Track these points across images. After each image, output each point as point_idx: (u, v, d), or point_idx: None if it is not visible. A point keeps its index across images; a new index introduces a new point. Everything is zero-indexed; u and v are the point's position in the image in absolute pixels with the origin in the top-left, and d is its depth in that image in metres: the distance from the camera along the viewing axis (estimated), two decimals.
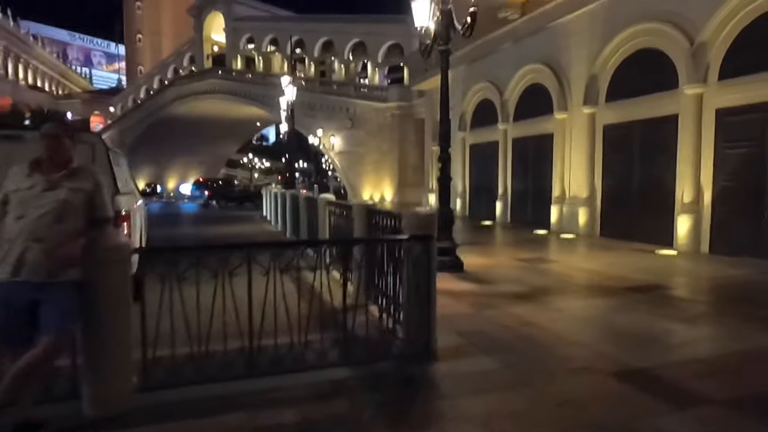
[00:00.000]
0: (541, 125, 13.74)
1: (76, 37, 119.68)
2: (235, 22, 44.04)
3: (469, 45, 17.05)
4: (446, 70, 7.77)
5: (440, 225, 8.01)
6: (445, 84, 7.86)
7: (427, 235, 3.88)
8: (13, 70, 66.40)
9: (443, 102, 7.89)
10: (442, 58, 7.68)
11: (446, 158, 7.88)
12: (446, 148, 7.86)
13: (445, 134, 7.84)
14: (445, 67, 7.74)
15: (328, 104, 33.58)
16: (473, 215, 17.50)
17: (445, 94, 7.90)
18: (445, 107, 7.90)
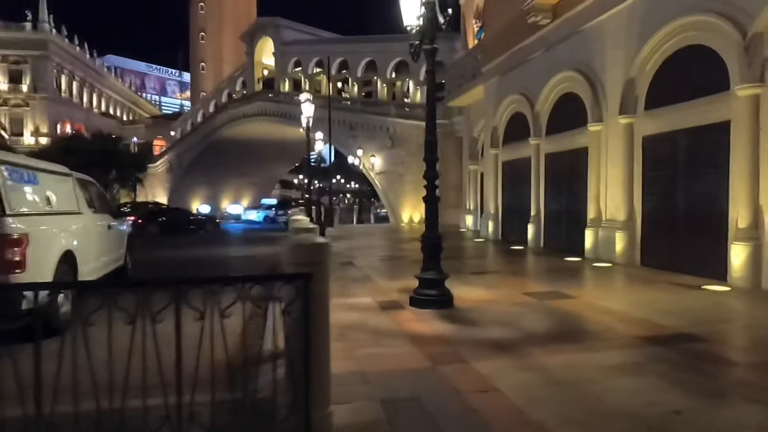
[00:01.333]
0: (575, 139, 12.26)
1: (153, 68, 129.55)
2: (283, 46, 44.98)
3: (500, 56, 15.90)
4: (432, 72, 6.72)
5: (427, 253, 6.93)
6: (432, 85, 6.79)
7: (298, 275, 2.81)
8: (87, 98, 71.50)
9: (429, 111, 6.82)
10: (428, 58, 6.63)
11: (432, 176, 6.80)
12: (432, 162, 6.76)
13: (430, 145, 6.76)
14: (431, 68, 6.69)
15: (369, 124, 33.14)
16: (506, 238, 16.05)
17: (431, 100, 6.83)
18: (431, 115, 6.82)
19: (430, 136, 6.74)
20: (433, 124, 6.82)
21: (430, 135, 6.75)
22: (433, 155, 6.71)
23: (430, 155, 6.73)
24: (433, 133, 6.74)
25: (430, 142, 6.73)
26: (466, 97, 21.13)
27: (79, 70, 67.80)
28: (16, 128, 58.97)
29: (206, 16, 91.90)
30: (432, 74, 6.70)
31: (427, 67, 6.69)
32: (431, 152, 6.72)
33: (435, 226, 6.80)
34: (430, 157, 6.73)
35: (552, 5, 12.85)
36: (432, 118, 6.82)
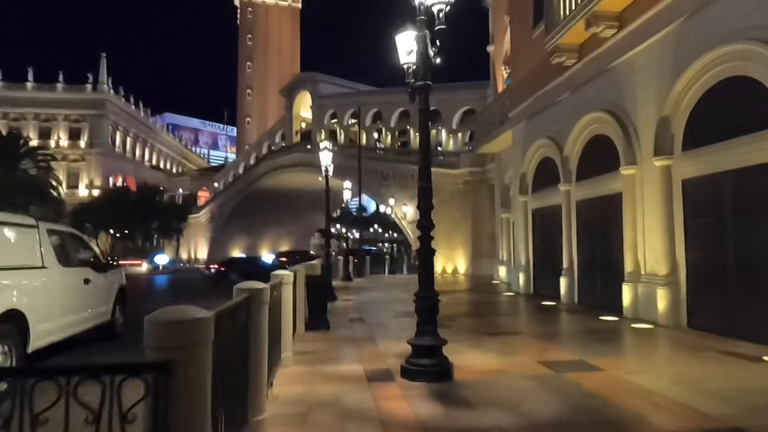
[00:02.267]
0: (608, 184, 11.18)
1: (206, 125, 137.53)
2: (319, 99, 46.13)
3: (527, 100, 15.23)
4: (425, 111, 6.02)
5: (421, 316, 6.02)
6: (425, 127, 6.09)
7: (147, 366, 2.02)
8: (140, 152, 75.52)
9: (423, 154, 6.10)
10: (420, 97, 5.97)
11: (426, 224, 5.96)
12: (427, 210, 5.96)
13: (424, 191, 5.98)
14: (423, 107, 6.00)
15: (401, 173, 32.80)
16: (538, 292, 14.75)
17: (425, 143, 6.12)
18: (425, 157, 6.08)
19: (424, 181, 5.98)
20: (428, 167, 6.08)
21: (424, 180, 5.99)
22: (427, 202, 5.93)
23: (424, 202, 5.94)
24: (427, 178, 5.98)
25: (425, 188, 5.96)
26: (496, 143, 20.40)
27: (132, 126, 72.05)
28: (72, 182, 62.50)
29: (253, 74, 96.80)
30: (424, 113, 6.02)
31: (419, 105, 6.02)
32: (425, 198, 5.94)
33: (430, 282, 5.90)
34: (424, 204, 5.94)
35: (577, 45, 12.15)
36: (426, 161, 6.09)
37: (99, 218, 42.24)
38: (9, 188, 32.64)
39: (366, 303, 13.97)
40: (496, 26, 23.30)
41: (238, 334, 3.58)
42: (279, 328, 5.84)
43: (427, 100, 5.99)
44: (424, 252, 5.92)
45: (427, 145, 6.09)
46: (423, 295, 5.84)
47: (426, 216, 5.91)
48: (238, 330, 3.57)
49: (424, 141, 6.09)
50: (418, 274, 6.09)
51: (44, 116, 62.96)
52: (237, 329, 3.50)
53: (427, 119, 6.04)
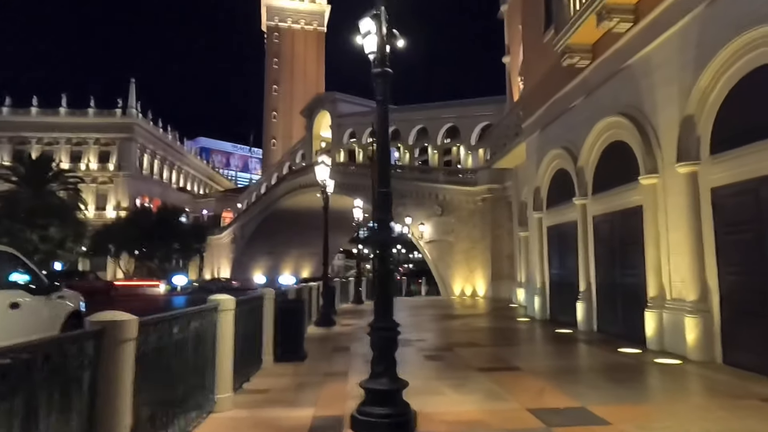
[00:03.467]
0: (627, 196, 9.90)
1: (237, 148, 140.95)
2: (338, 118, 45.83)
3: (540, 109, 14.11)
4: (383, 103, 5.01)
5: (377, 352, 4.93)
6: (383, 122, 5.07)
7: None
8: (167, 175, 76.86)
9: (381, 155, 5.08)
10: (377, 84, 4.98)
11: (384, 240, 4.90)
12: (383, 222, 4.89)
13: (382, 199, 4.91)
14: (382, 98, 4.99)
15: (418, 191, 31.78)
16: (554, 319, 13.37)
17: (383, 140, 5.10)
18: (383, 158, 5.06)
19: (383, 187, 4.92)
20: (386, 171, 5.03)
21: (382, 185, 4.93)
22: (383, 213, 4.86)
23: (381, 212, 4.88)
24: (385, 184, 4.93)
25: (383, 195, 4.90)
26: (511, 157, 19.22)
27: (160, 149, 73.43)
28: (101, 203, 63.74)
29: (279, 97, 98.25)
30: (382, 106, 5.00)
31: (377, 95, 5.02)
32: (383, 208, 4.88)
33: (388, 311, 4.81)
34: (379, 216, 4.88)
35: (589, 44, 11.03)
36: (384, 162, 5.05)
37: (121, 239, 42.48)
38: (31, 210, 33.03)
39: (363, 329, 12.85)
40: (512, 36, 22.33)
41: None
42: (205, 368, 4.84)
43: (386, 89, 4.99)
44: (381, 272, 4.84)
45: (385, 142, 5.07)
46: (379, 326, 4.75)
47: (383, 229, 4.85)
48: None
49: (382, 138, 5.07)
50: (374, 300, 5.00)
51: (76, 140, 64.71)
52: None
53: (385, 112, 5.02)
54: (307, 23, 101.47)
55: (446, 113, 35.33)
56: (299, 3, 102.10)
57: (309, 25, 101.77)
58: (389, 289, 4.90)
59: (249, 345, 7.02)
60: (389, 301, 4.85)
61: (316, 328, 13.17)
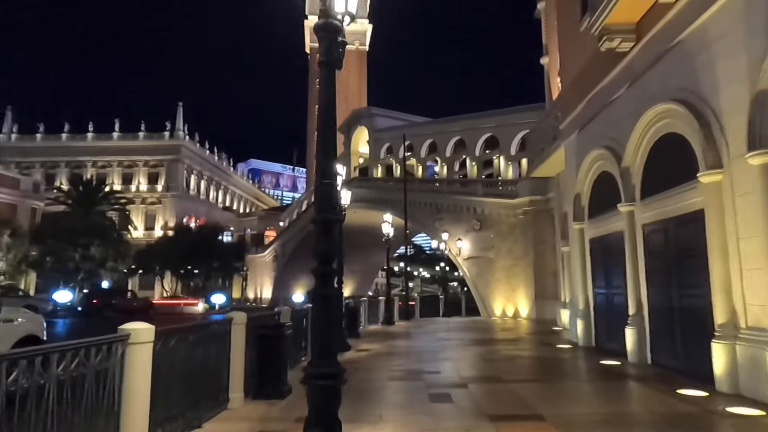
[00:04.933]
0: (683, 199, 8.13)
1: (287, 168, 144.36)
2: (376, 133, 45.02)
3: (578, 106, 12.47)
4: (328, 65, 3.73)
5: (313, 413, 3.50)
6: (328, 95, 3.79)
7: None
8: (213, 194, 78.67)
9: (322, 132, 3.79)
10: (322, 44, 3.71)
11: (325, 251, 3.57)
12: (326, 226, 3.57)
13: (322, 200, 3.59)
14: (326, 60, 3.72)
15: (455, 205, 30.16)
16: (600, 346, 11.49)
17: (326, 111, 3.81)
18: (326, 140, 3.77)
19: (324, 178, 3.61)
20: (328, 159, 3.72)
21: (323, 176, 3.62)
22: (326, 212, 3.54)
23: (323, 212, 3.56)
24: (328, 174, 3.61)
25: (324, 189, 3.58)
26: (550, 164, 17.44)
27: (206, 170, 75.32)
28: (149, 223, 65.68)
29: None
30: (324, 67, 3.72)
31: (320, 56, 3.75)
32: (324, 209, 3.56)
33: (328, 351, 3.45)
34: (320, 216, 3.56)
35: (632, 22, 9.39)
36: (326, 145, 3.76)
37: (162, 258, 43.03)
38: (75, 230, 33.82)
39: (384, 355, 11.47)
40: (549, 35, 20.68)
41: None
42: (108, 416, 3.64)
43: (331, 48, 3.71)
44: (320, 294, 3.50)
45: (326, 122, 3.76)
46: (315, 372, 3.39)
47: (325, 235, 3.52)
48: None
49: (324, 111, 3.78)
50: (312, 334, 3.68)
51: (127, 163, 67.29)
52: None
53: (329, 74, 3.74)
54: (349, 42, 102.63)
55: (484, 123, 33.70)
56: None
57: (351, 44, 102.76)
58: (331, 320, 3.54)
59: (208, 381, 5.83)
60: (331, 336, 3.49)
61: None
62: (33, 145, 67.15)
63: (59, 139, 67.54)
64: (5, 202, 37.55)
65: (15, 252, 33.55)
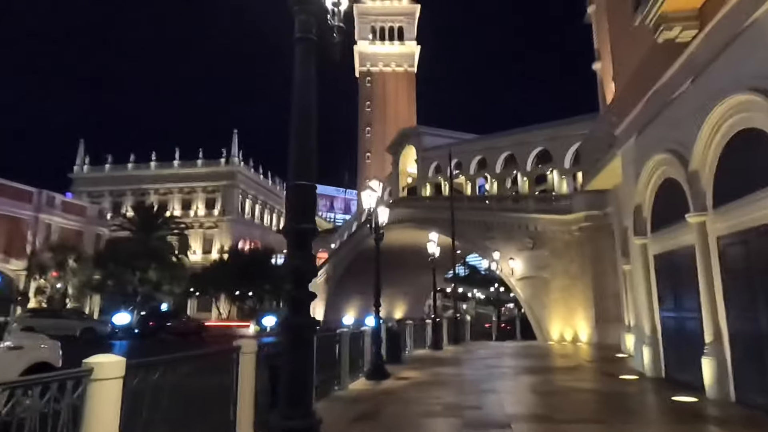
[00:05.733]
0: (766, 206, 6.86)
1: (340, 191, 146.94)
2: (423, 152, 44.44)
3: (634, 109, 11.32)
4: (303, 42, 3.08)
5: None
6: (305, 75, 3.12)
7: None
8: (268, 217, 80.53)
9: (299, 110, 3.10)
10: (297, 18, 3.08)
11: (298, 266, 2.87)
12: (301, 237, 2.87)
13: (297, 209, 2.90)
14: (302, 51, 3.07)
15: (506, 223, 28.82)
16: (671, 377, 10.05)
17: (301, 94, 3.14)
18: (303, 120, 3.08)
19: (299, 177, 2.92)
20: (303, 156, 3.04)
21: (297, 175, 2.93)
22: (300, 222, 2.84)
23: (296, 221, 2.87)
24: (303, 173, 2.92)
25: (298, 198, 2.89)
26: (606, 175, 16.06)
27: (260, 194, 77.38)
28: (207, 247, 67.79)
29: (372, 138, 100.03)
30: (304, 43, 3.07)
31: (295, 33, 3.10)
32: (299, 216, 2.86)
33: (301, 395, 2.71)
34: (292, 227, 2.86)
35: (695, 7, 8.28)
36: (299, 143, 3.07)
37: (216, 281, 43.92)
38: (134, 254, 35.11)
39: (425, 385, 10.55)
40: (601, 39, 19.41)
41: None
42: None
43: (308, 23, 3.06)
44: (291, 325, 2.78)
45: (303, 101, 3.09)
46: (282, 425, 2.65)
47: (299, 252, 2.81)
48: None
49: (299, 95, 3.11)
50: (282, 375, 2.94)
51: (186, 189, 70.16)
52: None
53: (305, 53, 3.08)
54: (397, 65, 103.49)
55: (535, 137, 32.31)
56: (390, 47, 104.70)
57: (399, 66, 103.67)
58: (305, 357, 2.81)
59: (209, 418, 5.21)
60: (304, 378, 2.75)
61: (365, 382, 11.13)
62: (102, 175, 71.50)
63: (125, 169, 71.50)
64: (73, 229, 39.76)
65: (80, 276, 35.18)
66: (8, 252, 34.47)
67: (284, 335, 2.81)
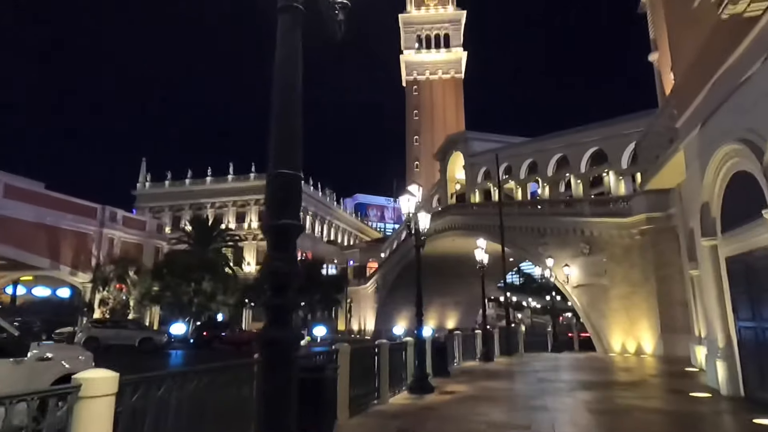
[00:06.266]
0: None
1: (390, 201, 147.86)
2: (471, 158, 43.46)
3: (697, 97, 10.31)
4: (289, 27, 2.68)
5: None
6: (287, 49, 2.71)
7: None
8: (318, 228, 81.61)
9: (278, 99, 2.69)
10: None
11: (278, 269, 2.44)
12: (285, 236, 2.44)
13: (278, 201, 2.48)
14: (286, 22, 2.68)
15: (559, 228, 27.47)
16: (751, 396, 8.89)
17: (283, 69, 2.72)
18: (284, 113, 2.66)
19: (280, 165, 2.50)
20: (286, 142, 2.61)
21: (278, 163, 2.52)
22: (283, 216, 2.42)
23: (278, 216, 2.45)
24: (287, 161, 2.51)
25: (281, 189, 2.47)
26: (667, 173, 14.84)
27: (311, 205, 78.47)
28: (260, 258, 69.11)
29: (420, 146, 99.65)
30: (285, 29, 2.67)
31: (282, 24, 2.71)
32: (281, 211, 2.45)
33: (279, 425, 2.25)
34: (274, 223, 2.44)
35: None
36: (280, 125, 2.65)
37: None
38: (189, 266, 36.19)
39: (470, 400, 9.89)
40: (658, 28, 18.10)
41: None
42: None
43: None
44: (269, 340, 2.36)
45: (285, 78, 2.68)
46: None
47: (280, 253, 2.39)
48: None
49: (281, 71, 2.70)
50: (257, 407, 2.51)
51: (240, 202, 72.31)
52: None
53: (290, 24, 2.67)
54: (444, 72, 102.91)
55: (588, 137, 30.73)
56: (436, 54, 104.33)
57: (446, 73, 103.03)
58: (285, 379, 2.36)
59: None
60: (283, 403, 2.31)
61: (407, 396, 10.60)
62: (162, 191, 74.94)
63: (183, 185, 74.60)
64: (133, 242, 41.57)
65: (139, 288, 36.61)
66: (75, 265, 36.40)
67: (261, 353, 2.38)
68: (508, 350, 22.98)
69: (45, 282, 43.35)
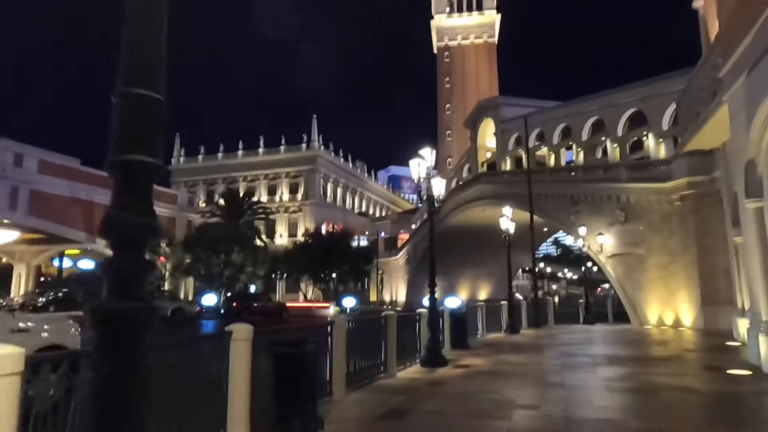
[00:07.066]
0: None
1: None
2: (502, 124, 41.84)
3: (743, 41, 9.10)
4: None
5: None
6: None
7: None
8: (350, 200, 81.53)
9: None
10: None
11: (125, 218, 1.83)
12: (130, 166, 1.83)
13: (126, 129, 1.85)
14: None
15: (593, 195, 26.08)
16: None
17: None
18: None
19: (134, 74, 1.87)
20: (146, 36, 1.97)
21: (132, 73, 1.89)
22: (133, 147, 1.82)
23: (125, 146, 1.84)
24: (143, 76, 1.87)
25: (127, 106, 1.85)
26: (710, 130, 13.49)
27: (342, 177, 78.28)
28: (292, 230, 69.99)
29: (452, 115, 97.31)
30: None
31: None
32: (132, 138, 1.84)
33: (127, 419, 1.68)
34: (114, 158, 1.84)
35: None
36: (137, 8, 1.99)
37: (298, 263, 44.91)
38: (218, 239, 36.63)
39: (483, 375, 9.33)
40: None
41: None
42: None
43: None
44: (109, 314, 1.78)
45: None
46: None
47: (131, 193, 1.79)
48: None
49: None
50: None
51: (271, 175, 72.73)
52: None
53: None
54: (476, 36, 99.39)
55: (626, 97, 28.79)
56: (468, 18, 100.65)
57: (479, 38, 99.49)
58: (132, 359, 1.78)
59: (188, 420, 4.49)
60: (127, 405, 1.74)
61: (418, 369, 10.14)
62: (196, 166, 76.08)
63: (216, 159, 75.45)
64: (165, 216, 42.32)
65: (172, 260, 37.39)
66: None
67: (96, 330, 1.82)
68: (536, 322, 22.23)
69: (90, 255, 44.97)
